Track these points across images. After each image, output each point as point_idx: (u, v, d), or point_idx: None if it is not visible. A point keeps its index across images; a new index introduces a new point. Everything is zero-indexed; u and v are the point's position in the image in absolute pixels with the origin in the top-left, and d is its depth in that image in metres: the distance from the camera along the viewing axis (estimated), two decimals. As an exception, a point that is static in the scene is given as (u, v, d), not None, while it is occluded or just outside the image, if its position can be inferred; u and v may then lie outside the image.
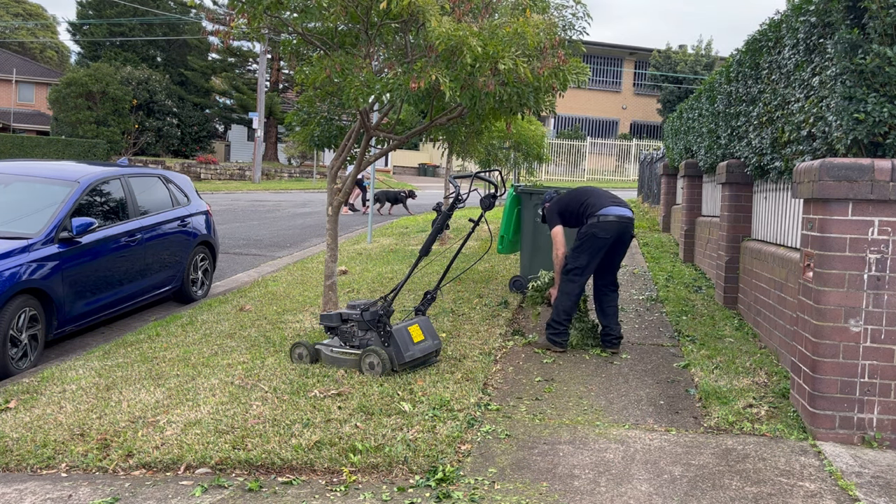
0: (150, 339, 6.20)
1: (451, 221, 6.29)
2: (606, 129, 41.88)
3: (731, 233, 7.41)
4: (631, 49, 41.71)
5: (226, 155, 42.31)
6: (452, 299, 7.48)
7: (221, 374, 5.05)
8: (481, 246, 10.63)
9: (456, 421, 4.19)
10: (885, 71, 4.07)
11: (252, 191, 27.42)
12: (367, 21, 5.52)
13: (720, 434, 4.23)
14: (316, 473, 3.64)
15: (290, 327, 6.40)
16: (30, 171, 7.12)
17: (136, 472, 3.68)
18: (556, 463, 3.78)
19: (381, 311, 5.18)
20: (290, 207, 19.89)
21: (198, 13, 38.26)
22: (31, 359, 5.73)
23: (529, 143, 17.70)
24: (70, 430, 4.08)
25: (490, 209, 5.62)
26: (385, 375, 4.98)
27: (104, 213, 6.91)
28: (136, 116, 34.68)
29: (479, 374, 5.09)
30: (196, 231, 8.28)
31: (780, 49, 5.75)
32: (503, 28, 5.09)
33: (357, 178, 8.03)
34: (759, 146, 6.24)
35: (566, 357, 5.78)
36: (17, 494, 3.47)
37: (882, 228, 4.02)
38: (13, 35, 50.99)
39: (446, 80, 4.92)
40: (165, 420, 4.20)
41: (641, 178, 22.99)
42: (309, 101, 6.84)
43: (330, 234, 6.40)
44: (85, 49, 40.42)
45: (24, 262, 5.71)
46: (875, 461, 3.86)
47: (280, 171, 35.76)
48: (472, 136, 10.76)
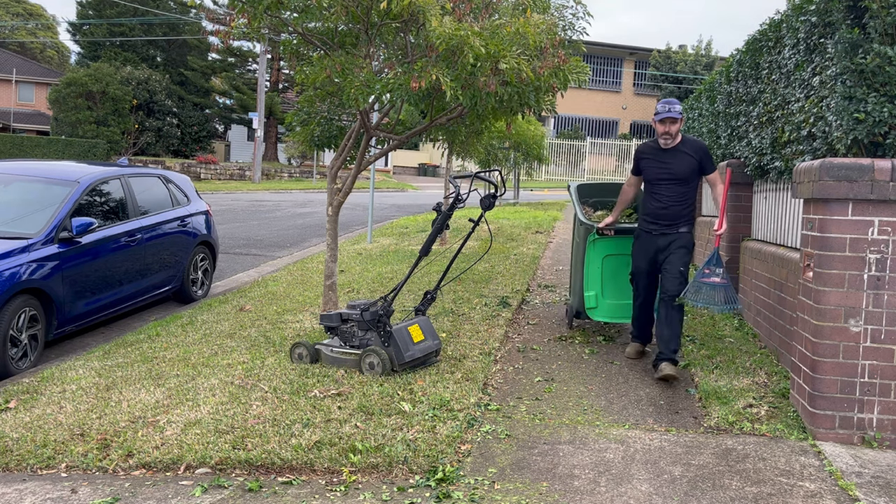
0: (150, 339, 6.20)
1: (451, 221, 6.26)
2: (606, 129, 41.87)
3: (731, 233, 7.40)
4: (631, 49, 41.70)
5: (226, 155, 42.29)
6: (452, 299, 7.48)
7: (221, 374, 5.05)
8: (481, 246, 10.63)
9: (456, 421, 4.19)
10: (886, 70, 4.07)
11: (252, 191, 27.42)
12: (368, 21, 5.51)
13: (720, 434, 4.23)
14: (316, 473, 3.64)
15: (290, 327, 6.40)
16: (30, 171, 7.12)
17: (136, 472, 3.68)
18: (556, 463, 3.78)
19: (381, 311, 5.18)
20: (290, 207, 19.89)
21: (198, 13, 38.24)
22: (31, 359, 5.73)
23: (529, 143, 17.74)
24: (70, 430, 4.08)
25: (490, 209, 5.61)
26: (385, 375, 4.98)
27: (104, 213, 6.91)
28: (136, 116, 34.65)
29: (479, 374, 5.09)
30: (196, 231, 8.28)
31: (781, 49, 5.75)
32: (504, 28, 5.09)
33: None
34: (759, 146, 6.24)
35: (566, 357, 5.77)
36: (17, 494, 3.47)
37: (882, 228, 4.02)
38: (13, 35, 50.97)
39: (447, 79, 4.92)
40: (165, 420, 4.20)
41: (641, 178, 22.95)
42: (309, 101, 6.84)
43: (330, 234, 6.40)
44: (85, 49, 40.40)
45: (24, 262, 5.71)
46: (875, 461, 3.86)
47: (280, 171, 35.75)
48: (472, 136, 10.75)
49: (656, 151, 5.42)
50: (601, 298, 5.96)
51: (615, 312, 6.00)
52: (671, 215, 5.31)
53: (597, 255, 5.89)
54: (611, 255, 5.90)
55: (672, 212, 5.31)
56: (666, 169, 5.33)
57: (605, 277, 5.93)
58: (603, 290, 5.95)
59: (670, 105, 5.31)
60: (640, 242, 5.47)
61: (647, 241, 5.41)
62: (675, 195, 5.31)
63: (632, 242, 5.66)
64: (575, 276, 6.31)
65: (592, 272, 5.90)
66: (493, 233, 11.52)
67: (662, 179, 5.34)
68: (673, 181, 5.32)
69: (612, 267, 5.92)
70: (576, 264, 6.27)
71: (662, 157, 5.37)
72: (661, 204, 5.33)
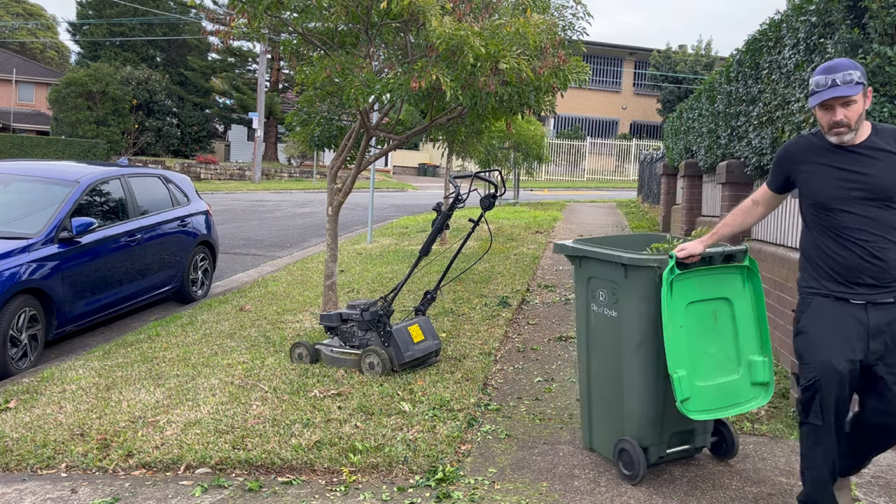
0: (150, 339, 6.20)
1: (451, 221, 6.25)
2: (606, 129, 41.88)
3: (731, 233, 7.40)
4: (631, 49, 41.72)
5: (226, 155, 42.28)
6: (452, 299, 7.48)
7: (221, 374, 5.05)
8: (481, 246, 10.63)
9: (456, 421, 4.19)
10: (886, 71, 4.07)
11: (252, 191, 27.41)
12: (368, 21, 5.51)
13: (720, 434, 4.23)
14: (316, 473, 3.64)
15: (290, 327, 6.40)
16: (30, 171, 7.12)
17: (136, 472, 3.68)
18: (556, 463, 3.78)
19: (381, 311, 5.18)
20: (290, 207, 19.88)
21: (198, 13, 38.22)
22: (31, 359, 5.72)
23: (529, 143, 17.76)
24: (70, 430, 4.08)
25: (490, 209, 5.61)
26: (385, 375, 4.98)
27: (104, 213, 6.91)
28: (136, 116, 34.65)
29: (479, 374, 5.09)
30: (196, 231, 8.28)
31: (781, 49, 5.75)
32: (504, 28, 5.10)
33: None
34: (759, 146, 6.25)
35: (566, 357, 5.77)
36: (17, 494, 3.47)
37: (882, 228, 4.01)
38: (13, 35, 50.97)
39: (447, 79, 4.92)
40: (165, 420, 4.20)
41: (641, 178, 23.00)
42: (309, 101, 6.84)
43: (330, 234, 6.40)
44: (85, 49, 40.40)
45: (24, 262, 5.71)
46: (875, 461, 3.85)
47: (280, 171, 35.74)
48: (472, 136, 10.76)
49: (827, 152, 3.06)
50: (694, 380, 3.44)
51: (720, 399, 3.51)
52: (887, 267, 2.95)
53: (678, 304, 3.45)
54: (696, 301, 3.51)
55: (888, 259, 2.94)
56: (857, 182, 2.97)
57: (692, 340, 3.47)
58: (694, 364, 3.45)
59: (837, 72, 2.92)
60: (825, 317, 3.02)
61: (841, 318, 2.98)
62: (883, 227, 2.95)
63: (759, 299, 3.60)
64: (618, 378, 3.67)
65: (676, 337, 3.40)
66: (493, 233, 11.51)
67: (854, 201, 2.97)
68: (874, 201, 2.96)
69: (699, 321, 3.52)
70: (626, 356, 3.60)
71: (844, 161, 3.01)
72: (862, 248, 2.96)
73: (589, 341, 3.86)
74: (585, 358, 3.90)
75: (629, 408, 3.59)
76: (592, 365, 3.85)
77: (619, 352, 3.61)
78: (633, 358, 3.55)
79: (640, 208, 20.68)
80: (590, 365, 3.86)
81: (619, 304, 3.60)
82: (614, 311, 3.63)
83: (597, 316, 3.76)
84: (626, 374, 3.58)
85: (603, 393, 3.78)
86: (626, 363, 3.58)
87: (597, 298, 3.74)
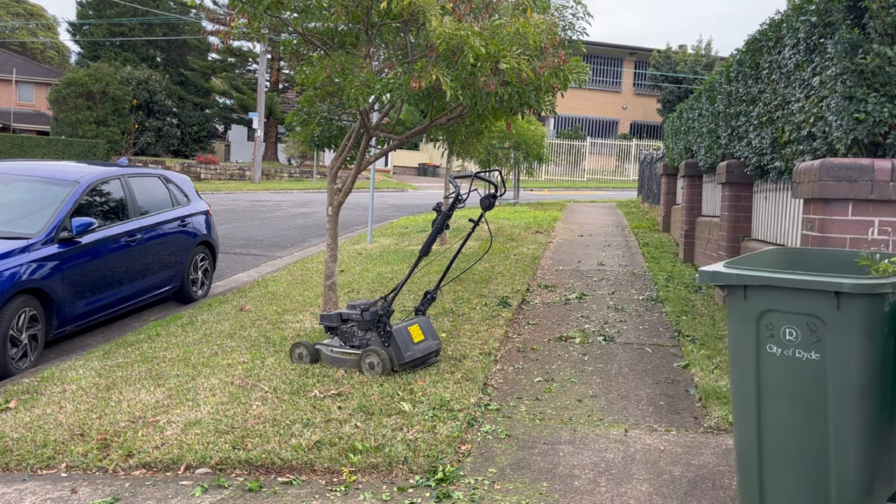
0: (150, 339, 6.20)
1: (451, 221, 6.26)
2: (606, 129, 41.89)
3: (732, 233, 7.41)
4: (631, 49, 41.72)
5: (226, 155, 42.30)
6: (452, 299, 7.48)
7: (221, 374, 5.05)
8: (481, 246, 10.63)
9: (456, 421, 4.19)
10: (886, 71, 4.07)
11: (252, 191, 27.42)
12: (368, 21, 5.52)
13: (720, 434, 4.23)
14: (316, 473, 3.64)
15: (290, 327, 6.40)
16: (30, 171, 7.12)
17: (136, 472, 3.68)
18: (556, 463, 3.78)
19: (381, 311, 5.18)
20: (290, 207, 19.89)
21: (198, 13, 38.26)
22: (31, 359, 5.73)
23: (529, 143, 17.77)
24: (70, 430, 4.08)
25: (490, 209, 5.62)
26: (385, 375, 4.98)
27: (104, 213, 6.91)
28: (136, 116, 34.68)
29: (479, 374, 5.09)
30: (196, 231, 8.28)
31: (781, 49, 5.75)
32: (504, 28, 5.10)
33: None
34: (759, 146, 6.24)
35: (566, 357, 5.77)
36: (17, 494, 3.47)
37: (882, 228, 4.02)
38: (13, 35, 50.98)
39: (447, 79, 4.92)
40: (165, 420, 4.20)
41: (641, 178, 23.01)
42: (309, 101, 6.84)
43: (330, 234, 6.41)
44: (85, 49, 40.42)
45: (24, 262, 5.71)
46: (875, 461, 3.85)
47: (280, 171, 35.75)
48: (472, 136, 10.76)
49: None
50: None
51: None
52: None
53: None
54: None
55: None
56: None
57: None
58: None
59: None
60: None
61: None
62: None
63: None
64: (822, 437, 2.86)
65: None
66: (493, 233, 11.52)
67: None
68: None
69: None
70: (838, 409, 2.81)
71: None
72: None
73: (761, 391, 3.02)
74: (755, 412, 3.03)
75: (841, 474, 2.81)
76: (766, 421, 3.01)
77: (825, 404, 2.82)
78: (852, 411, 2.77)
79: (640, 208, 20.68)
80: (761, 421, 3.02)
81: (825, 343, 2.80)
82: (815, 354, 2.83)
83: (778, 360, 2.94)
84: (836, 433, 2.80)
85: (788, 456, 2.96)
86: (839, 418, 2.79)
87: (778, 338, 2.92)
